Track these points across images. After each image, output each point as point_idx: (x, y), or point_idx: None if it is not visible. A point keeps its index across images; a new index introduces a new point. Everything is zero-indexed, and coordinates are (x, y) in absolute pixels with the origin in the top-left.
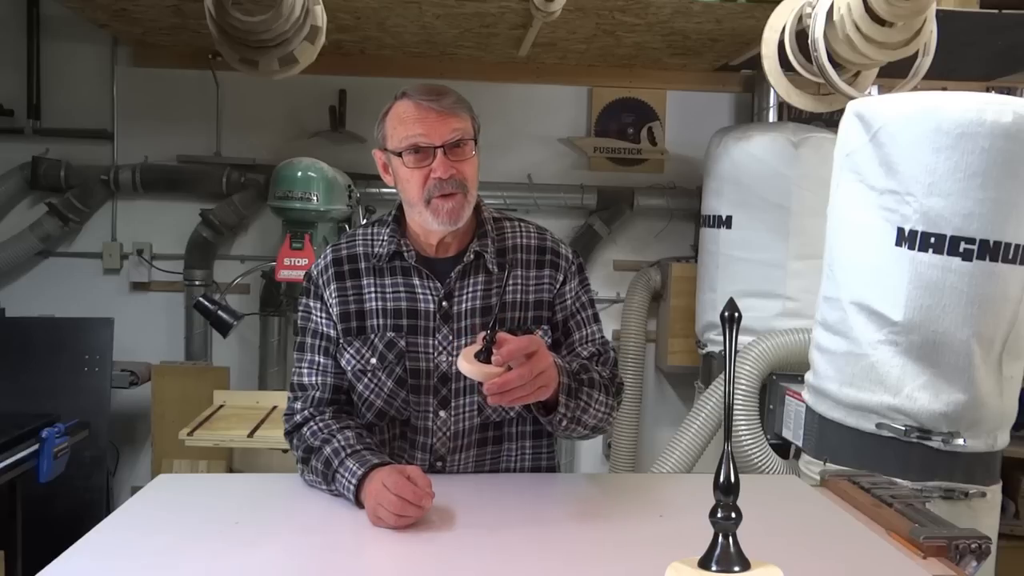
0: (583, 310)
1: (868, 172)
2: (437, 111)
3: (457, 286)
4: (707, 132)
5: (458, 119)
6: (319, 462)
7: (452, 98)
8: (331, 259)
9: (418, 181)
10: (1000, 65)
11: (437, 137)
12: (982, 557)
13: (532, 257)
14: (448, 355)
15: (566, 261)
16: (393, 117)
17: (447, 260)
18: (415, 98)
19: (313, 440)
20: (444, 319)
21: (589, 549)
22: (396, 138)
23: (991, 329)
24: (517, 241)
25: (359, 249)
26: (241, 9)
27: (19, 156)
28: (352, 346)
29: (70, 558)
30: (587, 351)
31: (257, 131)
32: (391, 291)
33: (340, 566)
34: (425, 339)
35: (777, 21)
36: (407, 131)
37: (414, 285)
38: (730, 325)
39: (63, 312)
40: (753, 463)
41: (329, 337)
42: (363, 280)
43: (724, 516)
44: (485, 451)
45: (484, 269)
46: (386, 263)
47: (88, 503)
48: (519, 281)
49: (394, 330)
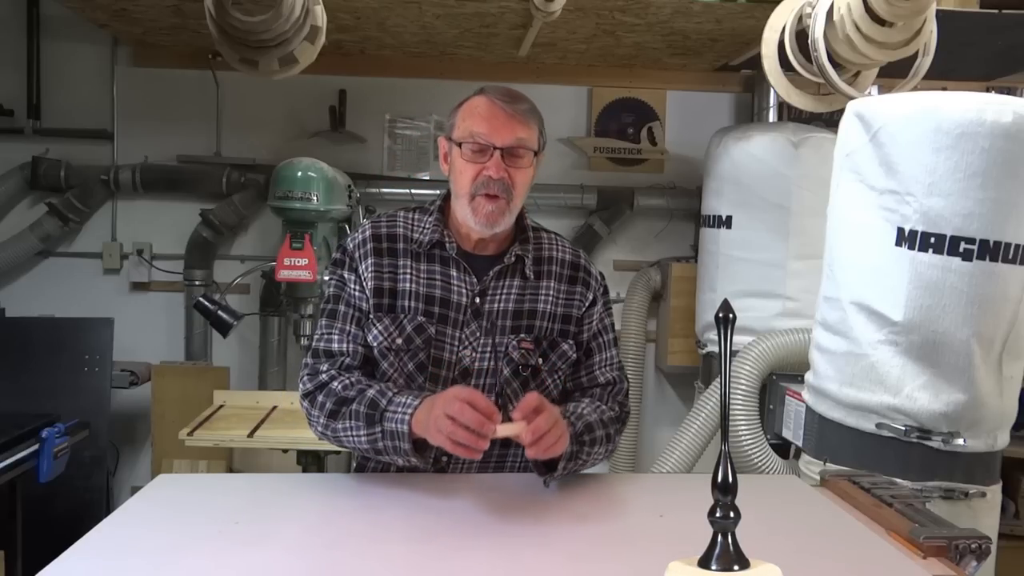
0: (605, 333)
1: (868, 172)
2: (507, 114)
3: (492, 285)
4: (707, 132)
5: (525, 127)
6: (362, 405)
7: (526, 106)
8: (370, 234)
9: (470, 175)
10: (1000, 65)
11: (499, 138)
12: (982, 557)
13: (566, 272)
14: (473, 350)
15: (596, 282)
16: (466, 108)
17: (486, 258)
18: (491, 96)
19: (348, 392)
20: (475, 315)
21: (589, 549)
22: (462, 129)
23: (991, 329)
24: (553, 254)
25: (399, 230)
26: (241, 9)
27: (19, 156)
28: (381, 323)
29: (70, 558)
30: (604, 377)
31: (257, 131)
32: (426, 277)
33: (340, 566)
34: (453, 330)
35: (777, 21)
36: (473, 125)
37: (451, 276)
38: (725, 326)
39: (63, 312)
40: (753, 463)
41: (361, 309)
42: (399, 260)
43: (723, 515)
44: (491, 452)
45: (521, 273)
46: (425, 250)
47: (88, 503)
48: (551, 292)
49: (425, 315)
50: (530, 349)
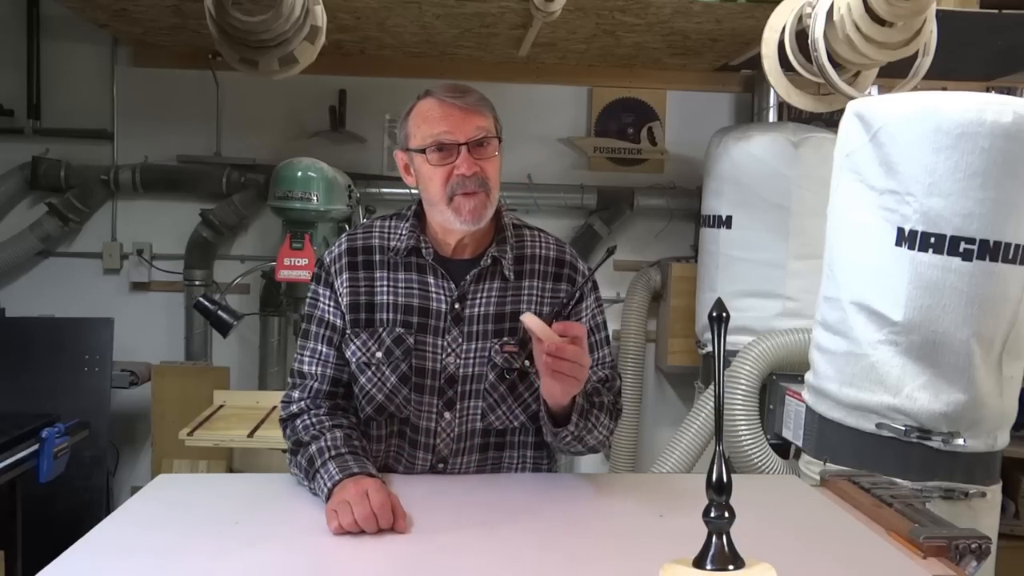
0: (597, 331)
1: (868, 172)
2: (461, 108)
3: (471, 289)
4: (707, 132)
5: (482, 117)
6: (303, 458)
7: (476, 96)
8: (345, 248)
9: (441, 179)
10: (1000, 65)
11: (461, 134)
12: (982, 557)
13: (550, 269)
14: (456, 357)
15: (582, 277)
16: (416, 115)
17: (463, 262)
18: (439, 96)
19: (304, 435)
20: (455, 321)
21: (589, 549)
22: (419, 136)
23: (991, 329)
24: (536, 251)
25: (375, 241)
26: (241, 9)
27: (19, 156)
28: (359, 338)
29: (70, 558)
30: (597, 375)
31: (257, 131)
32: (404, 287)
33: (340, 566)
34: (434, 339)
35: (777, 21)
36: (431, 128)
37: (428, 283)
38: (718, 325)
39: (63, 312)
40: (753, 463)
41: (334, 327)
42: (376, 272)
43: (717, 515)
44: (487, 456)
45: (500, 275)
46: (402, 258)
47: (88, 503)
48: (535, 292)
49: (403, 326)
50: (514, 352)
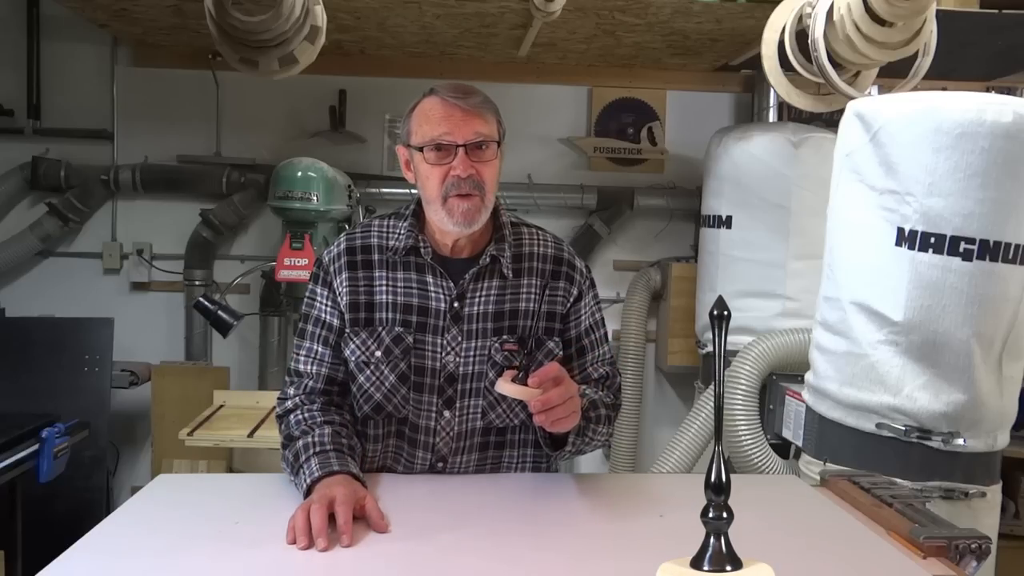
0: (596, 329)
1: (868, 172)
2: (463, 110)
3: (470, 288)
4: (707, 132)
5: (483, 121)
6: (291, 452)
7: (479, 98)
8: (344, 247)
9: (437, 178)
10: (1000, 65)
11: (460, 136)
12: (982, 557)
13: (548, 267)
14: (456, 356)
15: (581, 275)
16: (419, 113)
17: (462, 261)
18: (443, 95)
19: (295, 430)
20: (454, 320)
21: (589, 549)
22: (420, 134)
23: (991, 329)
24: (534, 249)
25: (373, 240)
26: (241, 9)
27: (19, 156)
28: (358, 337)
29: (70, 558)
30: (598, 372)
31: (257, 131)
32: (403, 286)
33: (340, 566)
34: (433, 337)
35: (777, 21)
36: (431, 128)
37: (427, 282)
38: (719, 323)
39: (63, 312)
40: (753, 463)
41: (331, 326)
42: (375, 272)
43: (715, 516)
44: (487, 455)
45: (499, 274)
46: (401, 257)
47: (88, 503)
48: (534, 290)
49: (403, 325)
50: (514, 350)
